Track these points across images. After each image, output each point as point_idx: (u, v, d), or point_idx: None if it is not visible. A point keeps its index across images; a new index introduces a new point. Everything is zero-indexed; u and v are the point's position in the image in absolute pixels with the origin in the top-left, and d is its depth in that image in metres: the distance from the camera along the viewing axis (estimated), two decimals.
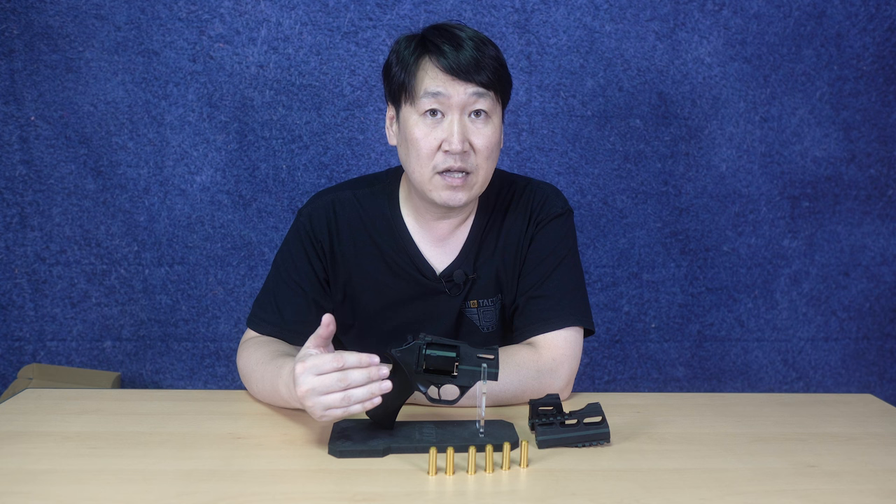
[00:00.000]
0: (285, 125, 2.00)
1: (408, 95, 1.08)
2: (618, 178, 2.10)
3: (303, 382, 0.90)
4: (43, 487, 0.85)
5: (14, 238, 2.01)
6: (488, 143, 1.09)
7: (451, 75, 1.05)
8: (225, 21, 1.95)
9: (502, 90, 1.11)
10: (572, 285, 1.19)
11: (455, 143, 1.05)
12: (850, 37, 2.08)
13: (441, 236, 1.20)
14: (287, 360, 1.02)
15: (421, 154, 1.08)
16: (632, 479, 0.91)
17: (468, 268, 1.19)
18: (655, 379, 2.20)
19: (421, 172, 1.09)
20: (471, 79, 1.05)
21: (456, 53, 1.05)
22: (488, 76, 1.07)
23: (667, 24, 2.03)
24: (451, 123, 1.06)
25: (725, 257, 2.16)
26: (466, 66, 1.05)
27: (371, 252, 1.20)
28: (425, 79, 1.06)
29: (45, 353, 2.06)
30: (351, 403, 0.90)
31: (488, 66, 1.07)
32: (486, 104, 1.08)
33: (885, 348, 2.26)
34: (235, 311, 2.07)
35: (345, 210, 1.20)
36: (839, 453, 1.01)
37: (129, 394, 1.20)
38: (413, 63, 1.08)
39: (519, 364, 1.11)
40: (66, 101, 1.95)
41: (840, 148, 2.14)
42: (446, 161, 1.07)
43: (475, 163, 1.09)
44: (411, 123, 1.09)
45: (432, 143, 1.07)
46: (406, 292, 1.20)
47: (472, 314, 1.21)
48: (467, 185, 1.10)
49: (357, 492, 0.85)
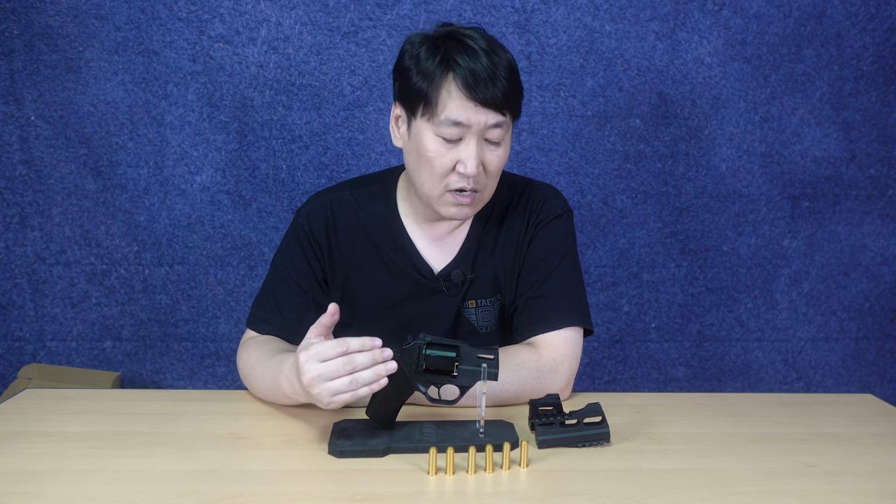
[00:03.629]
0: (285, 125, 2.00)
1: (426, 110, 1.06)
2: (618, 178, 2.10)
3: (308, 370, 0.90)
4: (43, 487, 0.85)
5: (14, 238, 2.01)
6: (499, 165, 1.10)
7: (475, 103, 1.04)
8: (225, 21, 1.95)
9: (517, 103, 1.10)
10: (572, 285, 1.20)
11: (471, 168, 1.06)
12: (850, 37, 2.08)
13: (439, 236, 1.20)
14: (287, 356, 1.03)
15: (434, 172, 1.08)
16: (632, 479, 0.91)
17: (466, 268, 1.20)
18: (655, 379, 2.20)
19: (432, 188, 1.10)
20: (494, 107, 1.05)
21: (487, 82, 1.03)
22: (509, 103, 1.06)
23: (667, 24, 2.03)
24: (469, 147, 1.06)
25: (725, 257, 2.16)
26: (493, 96, 1.04)
27: (369, 252, 1.20)
28: (449, 103, 1.04)
29: (45, 353, 2.06)
30: (359, 386, 0.90)
31: (511, 94, 1.06)
32: (501, 132, 1.08)
33: (885, 348, 2.26)
34: (235, 311, 2.07)
35: (343, 210, 1.20)
36: (839, 453, 1.01)
37: (129, 394, 1.20)
38: (438, 78, 1.05)
39: (519, 364, 1.11)
40: (66, 101, 1.95)
41: (840, 148, 2.14)
42: (459, 182, 1.08)
43: (484, 182, 1.10)
44: (426, 139, 1.07)
45: (447, 164, 1.07)
46: (404, 292, 1.21)
47: (471, 314, 1.21)
48: (475, 202, 1.11)
49: (357, 492, 0.85)
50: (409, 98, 1.09)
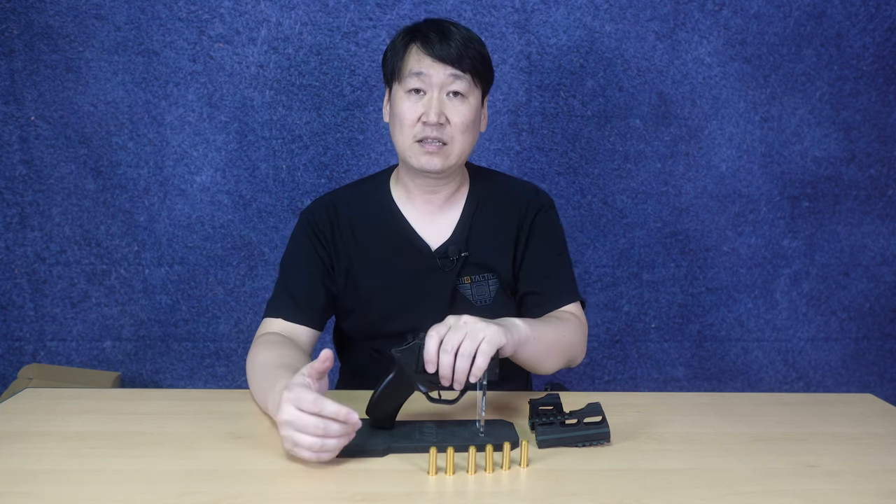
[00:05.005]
0: (285, 125, 2.00)
1: (397, 75, 1.24)
2: (618, 178, 2.10)
3: (285, 411, 0.89)
4: (43, 487, 0.85)
5: (14, 238, 2.00)
6: (463, 119, 1.22)
7: (432, 58, 1.20)
8: (225, 21, 1.95)
9: (480, 76, 1.24)
10: (570, 265, 1.39)
11: (431, 115, 1.19)
12: (850, 37, 2.08)
13: (431, 211, 1.31)
14: (285, 374, 1.00)
15: (404, 124, 1.22)
16: (632, 479, 0.91)
17: (461, 245, 1.30)
18: (655, 379, 2.20)
19: (403, 141, 1.24)
20: (449, 62, 1.20)
21: (439, 41, 1.21)
22: (467, 62, 1.21)
23: (667, 24, 2.03)
24: (430, 99, 1.21)
25: (725, 257, 2.16)
26: (447, 51, 1.20)
27: (369, 236, 1.31)
28: (411, 60, 1.22)
29: (45, 353, 2.06)
30: (321, 451, 0.89)
31: (467, 54, 1.21)
32: (462, 86, 1.21)
33: (885, 348, 2.26)
34: (235, 311, 2.07)
35: (344, 206, 1.32)
36: (839, 453, 1.01)
37: (129, 394, 1.20)
38: (402, 48, 1.23)
39: (560, 318, 1.25)
40: (66, 101, 1.95)
41: (840, 148, 2.14)
42: (424, 131, 1.21)
43: (451, 134, 1.22)
44: (398, 99, 1.23)
45: (413, 116, 1.21)
46: (403, 270, 1.29)
47: (466, 290, 1.30)
48: (442, 153, 1.22)
49: (357, 492, 0.85)
50: (387, 74, 1.27)
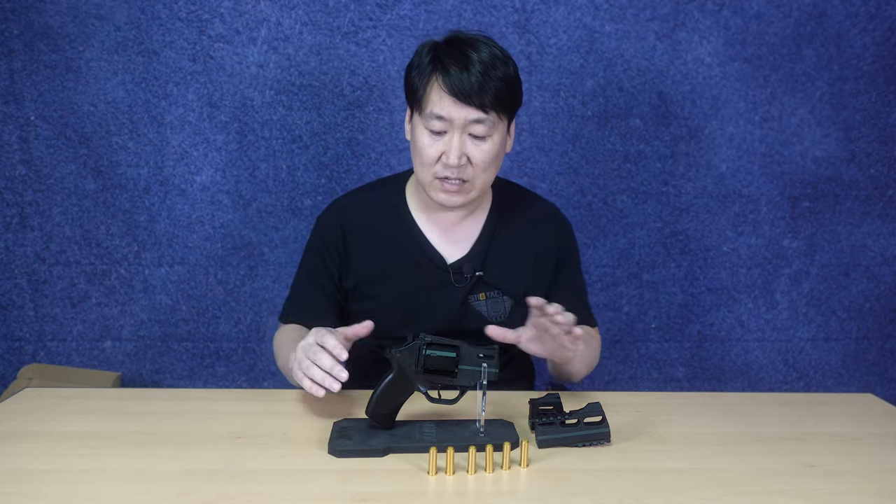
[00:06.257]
0: (285, 125, 2.00)
1: (418, 107, 1.20)
2: (618, 178, 2.10)
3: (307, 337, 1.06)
4: (43, 487, 0.85)
5: (14, 238, 2.00)
6: (485, 158, 1.18)
7: (454, 98, 1.14)
8: (225, 21, 1.95)
9: (504, 108, 1.18)
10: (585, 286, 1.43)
11: (452, 159, 1.16)
12: (850, 37, 2.08)
13: (447, 227, 1.30)
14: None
15: (424, 161, 1.20)
16: (632, 479, 0.91)
17: (477, 263, 1.29)
18: (655, 379, 2.20)
19: (423, 175, 1.22)
20: (472, 103, 1.14)
21: (461, 77, 1.13)
22: (489, 97, 1.14)
23: (667, 24, 2.03)
24: (451, 140, 1.16)
25: (725, 257, 2.16)
26: (469, 90, 1.13)
27: (382, 245, 1.30)
28: (432, 98, 1.16)
29: (45, 353, 2.06)
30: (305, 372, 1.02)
31: (491, 91, 1.14)
32: (484, 128, 1.16)
33: (885, 348, 2.26)
34: (235, 311, 2.07)
35: (356, 213, 1.33)
36: (839, 453, 1.01)
37: (129, 393, 1.20)
38: (426, 77, 1.17)
39: (591, 335, 1.32)
40: (66, 101, 1.95)
41: (840, 148, 2.14)
42: (444, 171, 1.19)
43: (472, 173, 1.19)
44: (419, 131, 1.20)
45: (433, 154, 1.18)
46: (414, 280, 1.29)
47: (481, 306, 1.29)
48: (463, 190, 1.21)
49: (357, 492, 0.85)
50: (408, 94, 1.23)
